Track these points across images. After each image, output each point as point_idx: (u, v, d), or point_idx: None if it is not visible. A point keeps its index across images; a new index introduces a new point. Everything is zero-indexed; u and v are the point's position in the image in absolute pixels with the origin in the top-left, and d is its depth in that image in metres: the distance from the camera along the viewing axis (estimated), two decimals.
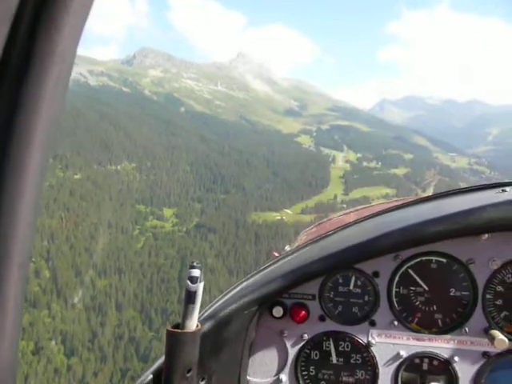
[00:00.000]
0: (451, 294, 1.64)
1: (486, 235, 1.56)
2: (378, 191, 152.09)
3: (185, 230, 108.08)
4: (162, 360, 1.37)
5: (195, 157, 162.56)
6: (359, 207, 2.89)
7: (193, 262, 1.25)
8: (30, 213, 0.64)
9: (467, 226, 1.49)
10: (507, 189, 1.61)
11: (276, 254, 2.23)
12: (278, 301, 1.70)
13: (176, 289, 76.98)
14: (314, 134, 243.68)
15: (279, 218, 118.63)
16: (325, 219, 2.80)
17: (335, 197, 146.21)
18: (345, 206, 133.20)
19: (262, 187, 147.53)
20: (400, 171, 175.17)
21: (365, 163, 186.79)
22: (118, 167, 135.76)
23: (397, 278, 1.66)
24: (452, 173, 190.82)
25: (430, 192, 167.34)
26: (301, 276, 1.62)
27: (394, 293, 1.67)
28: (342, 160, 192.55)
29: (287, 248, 2.27)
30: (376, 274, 1.67)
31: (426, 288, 1.65)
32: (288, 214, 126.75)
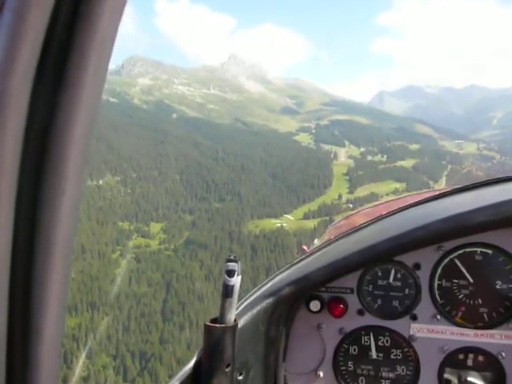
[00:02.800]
0: (497, 286, 1.57)
1: None
2: (386, 186, 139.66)
3: (173, 247, 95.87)
4: (199, 355, 1.32)
5: (186, 164, 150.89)
6: (389, 199, 2.86)
7: (230, 256, 1.23)
8: (72, 207, 0.64)
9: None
10: None
11: (306, 249, 2.21)
12: (315, 295, 1.66)
13: (158, 324, 64.69)
14: (313, 130, 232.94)
15: (279, 225, 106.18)
16: (353, 212, 2.79)
17: (340, 196, 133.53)
18: (351, 205, 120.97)
19: (259, 192, 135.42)
20: (407, 163, 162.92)
21: (369, 157, 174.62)
22: (100, 182, 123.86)
23: (439, 271, 1.60)
24: (461, 161, 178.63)
25: (442, 184, 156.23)
26: (338, 269, 1.58)
27: (436, 286, 1.61)
28: (344, 156, 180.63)
29: (316, 242, 2.23)
30: (417, 267, 1.61)
31: (471, 280, 1.58)
32: (289, 220, 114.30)
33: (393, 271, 1.64)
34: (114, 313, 68.50)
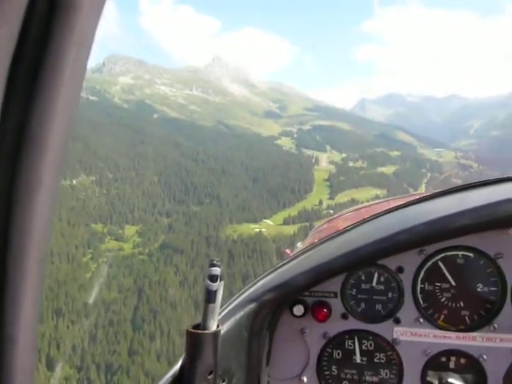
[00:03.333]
0: (479, 289, 1.58)
1: None
2: (367, 193, 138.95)
3: (147, 251, 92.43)
4: (181, 362, 1.30)
5: (165, 165, 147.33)
6: (371, 203, 2.87)
7: (212, 260, 1.21)
8: (48, 208, 0.61)
9: (494, 219, 1.44)
10: None
11: (289, 252, 2.21)
12: (299, 299, 1.65)
13: (127, 334, 61.36)
14: (295, 135, 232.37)
15: (258, 230, 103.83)
16: (335, 215, 2.78)
17: (320, 202, 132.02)
18: (331, 211, 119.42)
19: (239, 196, 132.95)
20: (388, 170, 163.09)
21: (350, 163, 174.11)
22: (74, 182, 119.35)
23: (422, 274, 1.60)
24: (440, 169, 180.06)
25: (421, 191, 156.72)
26: (322, 273, 1.58)
27: (419, 289, 1.61)
28: (325, 161, 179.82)
29: (299, 245, 2.22)
30: (400, 270, 1.62)
31: (453, 283, 1.59)
32: (268, 225, 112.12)
33: (376, 275, 1.64)
34: (80, 320, 64.81)
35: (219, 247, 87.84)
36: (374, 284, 1.65)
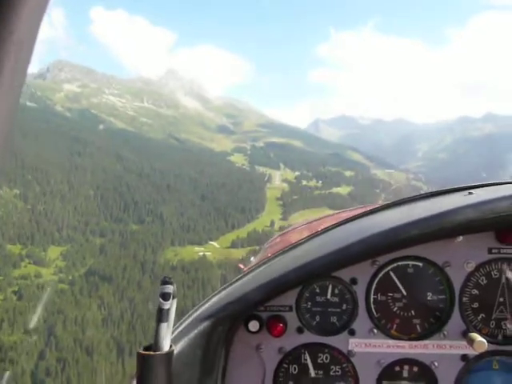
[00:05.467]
0: (428, 298, 1.63)
1: (461, 237, 1.56)
2: (322, 213, 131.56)
3: (70, 278, 78.92)
4: None
5: (104, 179, 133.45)
6: (322, 216, 2.84)
7: (165, 277, 1.17)
8: None
9: (441, 229, 1.47)
10: (473, 191, 1.61)
11: (242, 267, 2.23)
12: (254, 314, 1.63)
13: None
14: (249, 151, 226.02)
15: (202, 253, 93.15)
16: (289, 228, 2.79)
17: (272, 223, 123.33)
18: None
19: (184, 214, 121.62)
20: (343, 190, 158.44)
21: (304, 182, 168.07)
22: None
23: (374, 285, 1.63)
24: (393, 189, 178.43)
25: None
26: (277, 287, 1.56)
27: (372, 300, 1.64)
28: (278, 179, 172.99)
29: (253, 260, 2.22)
30: (354, 281, 1.64)
31: (404, 293, 1.63)
32: (214, 248, 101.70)
33: (330, 287, 1.65)
34: None
35: (155, 275, 76.14)
36: (329, 296, 1.65)
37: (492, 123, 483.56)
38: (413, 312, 1.63)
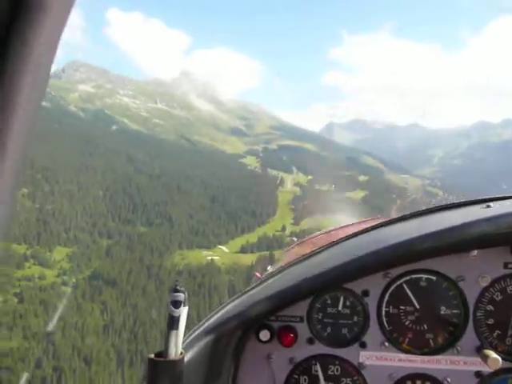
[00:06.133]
0: (442, 312, 1.60)
1: (475, 251, 1.54)
2: (334, 219, 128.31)
3: (74, 281, 76.63)
4: None
5: (113, 180, 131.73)
6: (342, 225, 2.83)
7: (176, 285, 1.18)
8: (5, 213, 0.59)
9: (456, 243, 1.46)
10: (491, 204, 1.58)
11: (258, 275, 2.24)
12: (265, 324, 1.63)
13: None
14: (261, 154, 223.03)
15: (210, 258, 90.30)
16: (306, 237, 2.78)
17: (283, 228, 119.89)
18: (295, 239, 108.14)
19: (194, 217, 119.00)
20: (356, 195, 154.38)
21: (317, 186, 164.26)
22: None
23: (386, 297, 1.62)
24: (408, 195, 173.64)
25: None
26: (288, 298, 1.56)
27: (383, 312, 1.62)
28: (291, 183, 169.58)
29: (269, 269, 2.25)
30: (365, 293, 1.63)
31: (417, 307, 1.60)
32: (223, 253, 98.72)
33: (342, 298, 1.64)
34: None
35: (161, 280, 73.44)
36: (340, 308, 1.64)
37: (511, 129, 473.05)
38: (425, 326, 1.61)
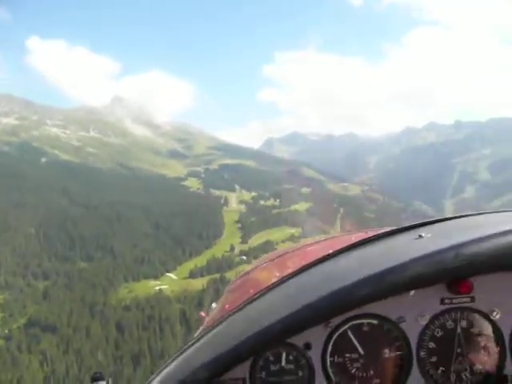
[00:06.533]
0: (386, 356, 1.54)
1: (413, 291, 1.49)
2: (282, 232, 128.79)
3: (6, 332, 69.23)
4: None
5: (46, 215, 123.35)
6: (286, 249, 2.69)
7: (96, 373, 1.08)
8: None
9: (393, 285, 1.39)
10: (423, 234, 1.54)
11: (203, 315, 2.17)
12: None
13: None
14: (202, 175, 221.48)
15: (158, 288, 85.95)
16: (251, 267, 2.63)
17: (232, 248, 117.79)
18: (244, 257, 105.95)
19: (138, 246, 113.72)
20: (301, 207, 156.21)
21: (261, 202, 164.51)
22: None
23: (330, 347, 1.52)
24: (350, 202, 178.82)
25: (337, 227, 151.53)
26: (227, 363, 1.41)
27: (328, 363, 1.52)
28: (235, 201, 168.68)
29: (214, 306, 2.15)
30: (308, 346, 1.51)
31: (362, 353, 1.52)
32: (172, 281, 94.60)
33: (284, 354, 1.53)
34: None
35: (106, 318, 68.18)
36: (284, 364, 1.52)
37: (434, 132, 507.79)
38: (372, 372, 1.54)
